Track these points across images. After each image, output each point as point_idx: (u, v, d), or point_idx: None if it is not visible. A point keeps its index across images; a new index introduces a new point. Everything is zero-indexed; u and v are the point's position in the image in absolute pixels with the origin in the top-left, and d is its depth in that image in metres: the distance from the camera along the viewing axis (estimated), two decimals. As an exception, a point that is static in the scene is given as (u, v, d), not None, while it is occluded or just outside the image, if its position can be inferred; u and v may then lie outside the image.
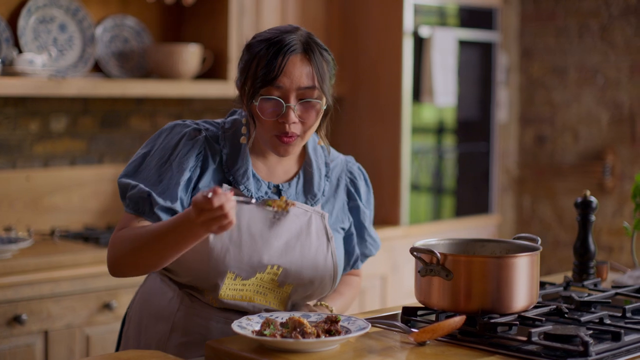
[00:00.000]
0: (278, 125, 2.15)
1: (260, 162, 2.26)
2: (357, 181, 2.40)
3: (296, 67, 2.14)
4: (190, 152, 2.19)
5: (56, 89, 3.53)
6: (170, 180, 2.16)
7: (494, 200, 4.99)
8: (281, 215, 2.23)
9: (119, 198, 3.92)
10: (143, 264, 2.10)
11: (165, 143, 2.22)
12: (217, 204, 1.89)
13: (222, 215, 1.91)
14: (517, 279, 2.07)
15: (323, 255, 2.26)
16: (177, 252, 2.05)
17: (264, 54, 2.14)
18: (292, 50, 2.14)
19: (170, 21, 4.21)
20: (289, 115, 2.14)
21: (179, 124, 2.25)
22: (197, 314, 2.24)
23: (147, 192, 2.14)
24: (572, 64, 5.23)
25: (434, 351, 1.96)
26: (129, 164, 2.23)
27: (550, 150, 5.35)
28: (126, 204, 2.17)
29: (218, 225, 1.93)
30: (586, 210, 2.68)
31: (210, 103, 4.35)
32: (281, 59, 2.13)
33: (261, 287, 2.23)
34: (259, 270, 2.20)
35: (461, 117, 4.82)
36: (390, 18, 4.44)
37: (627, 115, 5.01)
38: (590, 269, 2.67)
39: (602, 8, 5.10)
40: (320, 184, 2.31)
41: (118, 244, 2.13)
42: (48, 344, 3.21)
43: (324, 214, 2.28)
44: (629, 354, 1.93)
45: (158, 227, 2.05)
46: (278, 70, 2.12)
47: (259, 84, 2.13)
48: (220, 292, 2.19)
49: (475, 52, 4.85)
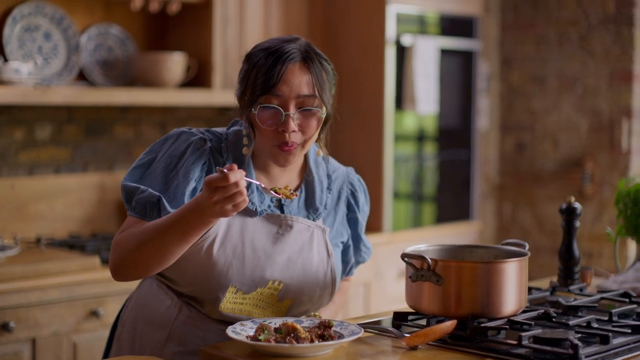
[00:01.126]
0: (278, 135, 2.14)
1: (263, 175, 2.26)
2: (357, 193, 2.43)
3: (295, 75, 2.15)
4: (197, 162, 2.19)
5: (42, 98, 3.54)
6: (177, 188, 2.16)
7: (476, 207, 5.04)
8: (285, 230, 2.24)
9: (104, 206, 3.98)
10: (147, 262, 2.07)
11: (171, 150, 2.20)
12: (234, 179, 1.90)
13: (237, 192, 1.91)
14: (506, 284, 2.11)
15: (323, 271, 2.28)
16: (183, 244, 2.03)
17: (262, 63, 2.15)
18: (291, 59, 2.16)
19: (154, 30, 4.23)
20: (289, 124, 2.14)
21: (185, 132, 2.24)
22: (195, 324, 2.25)
23: (157, 196, 2.13)
24: (551, 72, 5.29)
25: (426, 355, 1.99)
26: (134, 169, 2.21)
27: (530, 157, 5.40)
28: (132, 208, 2.15)
29: (233, 204, 1.92)
30: (571, 217, 2.72)
31: (194, 111, 4.37)
32: (280, 67, 2.13)
33: (261, 301, 2.24)
34: (260, 285, 2.21)
35: (442, 125, 4.86)
36: (372, 27, 4.47)
37: (607, 122, 5.07)
38: (575, 274, 2.71)
39: (581, 17, 5.16)
40: (322, 198, 2.32)
41: (122, 243, 2.10)
42: (36, 352, 3.22)
43: (325, 228, 2.29)
44: (617, 356, 1.97)
45: (164, 219, 2.04)
46: (277, 78, 2.13)
47: (257, 92, 2.13)
48: (220, 305, 2.20)
49: (456, 61, 4.90)
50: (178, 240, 2.03)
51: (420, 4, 4.59)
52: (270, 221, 2.24)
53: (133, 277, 2.14)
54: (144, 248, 2.06)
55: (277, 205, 2.26)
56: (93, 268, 3.39)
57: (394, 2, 4.43)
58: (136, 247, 2.07)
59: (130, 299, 2.40)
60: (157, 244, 2.04)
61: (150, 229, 2.06)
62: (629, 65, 4.97)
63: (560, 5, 5.24)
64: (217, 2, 4.05)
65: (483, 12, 5.10)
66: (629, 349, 2.02)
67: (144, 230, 2.07)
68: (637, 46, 4.96)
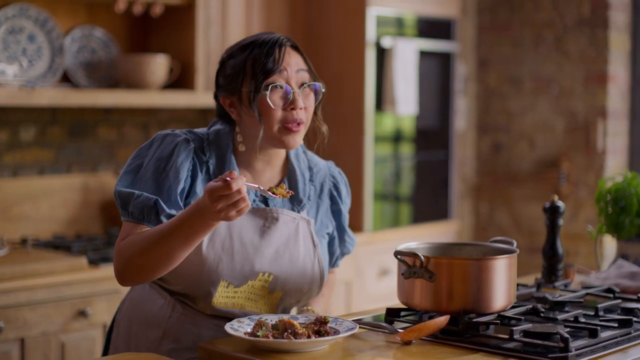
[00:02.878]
0: (286, 115, 2.22)
1: (246, 170, 2.31)
2: (339, 185, 2.49)
3: (291, 56, 2.26)
4: (184, 162, 2.23)
5: (27, 99, 3.56)
6: (170, 189, 2.20)
7: (453, 207, 5.10)
8: (271, 223, 2.29)
9: (88, 206, 4.00)
10: (152, 267, 2.11)
11: (159, 153, 2.24)
12: (236, 187, 1.95)
13: (240, 198, 1.96)
14: (496, 280, 2.16)
15: (310, 261, 2.33)
16: (187, 248, 2.08)
17: (258, 52, 2.23)
18: (284, 43, 2.26)
19: (137, 32, 4.26)
20: (297, 100, 2.23)
21: (170, 134, 2.28)
22: (189, 321, 2.28)
23: (153, 199, 2.17)
24: (527, 73, 5.37)
25: (420, 350, 2.05)
26: (124, 175, 2.24)
27: (506, 157, 5.48)
28: (129, 213, 2.19)
29: (236, 210, 1.98)
30: (554, 215, 2.79)
31: (176, 113, 4.40)
32: (278, 50, 2.24)
33: (252, 294, 2.28)
34: (251, 278, 2.26)
35: (421, 126, 4.92)
36: (353, 29, 4.53)
37: (582, 123, 5.15)
38: (558, 270, 2.78)
39: (556, 19, 5.24)
40: (305, 190, 2.37)
41: (126, 249, 2.14)
42: (24, 352, 3.24)
43: (309, 220, 2.35)
44: (605, 349, 2.03)
45: (167, 225, 2.08)
46: (279, 58, 2.23)
47: (262, 76, 2.21)
48: (212, 299, 2.24)
49: (434, 62, 4.96)
50: (182, 245, 2.07)
51: (398, 7, 4.65)
52: (256, 215, 2.28)
53: (139, 282, 2.19)
54: (148, 254, 2.10)
55: (261, 199, 2.32)
56: (80, 268, 3.42)
57: (373, 4, 4.49)
58: (140, 253, 2.11)
59: (124, 301, 2.43)
60: (161, 249, 2.08)
61: (153, 235, 2.10)
62: (603, 67, 5.06)
63: (536, 8, 5.32)
64: (199, 4, 4.09)
65: (460, 15, 5.17)
66: (616, 342, 2.08)
67: (147, 237, 2.11)
68: (611, 48, 5.05)
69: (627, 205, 2.94)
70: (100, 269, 3.46)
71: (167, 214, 2.16)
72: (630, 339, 2.12)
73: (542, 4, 5.29)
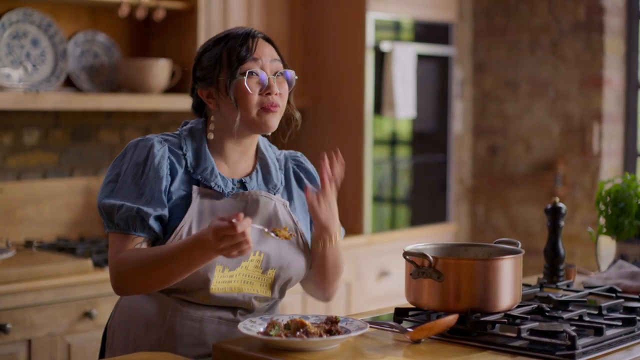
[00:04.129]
0: (262, 99, 2.31)
1: (222, 161, 2.38)
2: (303, 164, 2.55)
3: (265, 46, 2.36)
4: (161, 161, 2.29)
5: (33, 104, 3.60)
6: (151, 190, 2.26)
7: (451, 209, 5.15)
8: (252, 205, 2.35)
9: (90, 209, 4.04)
10: (151, 286, 2.22)
11: (135, 158, 2.30)
12: (241, 229, 2.02)
13: (243, 240, 2.04)
14: (502, 280, 2.21)
15: (294, 238, 2.39)
16: (185, 273, 2.18)
17: (232, 43, 2.33)
18: (256, 35, 2.36)
19: (139, 37, 4.30)
20: (273, 86, 2.32)
21: (142, 140, 2.34)
22: (189, 317, 2.32)
23: (135, 208, 2.23)
24: (523, 77, 5.43)
25: (430, 348, 2.09)
26: (105, 186, 2.31)
27: (503, 160, 5.53)
28: (114, 225, 2.25)
29: (238, 250, 2.06)
30: (556, 216, 2.84)
31: (176, 116, 4.44)
32: (251, 39, 2.34)
33: (247, 276, 2.32)
34: (244, 259, 2.30)
35: (419, 129, 4.98)
36: (352, 33, 4.58)
37: (578, 126, 5.21)
38: (560, 271, 2.83)
39: (552, 24, 5.30)
40: (277, 175, 2.45)
41: (122, 266, 2.22)
42: (31, 352, 3.28)
43: (285, 202, 2.42)
44: (611, 347, 2.08)
45: (166, 250, 2.17)
46: (253, 46, 2.33)
47: (237, 63, 2.30)
48: (211, 286, 2.28)
49: (432, 66, 5.01)
50: (181, 270, 2.17)
51: (397, 11, 4.70)
52: (237, 199, 2.35)
53: (136, 294, 2.30)
54: (146, 275, 2.19)
55: (239, 186, 2.38)
56: (86, 270, 3.46)
57: (373, 9, 4.54)
58: (138, 272, 2.20)
59: (116, 308, 2.45)
60: (159, 271, 2.18)
61: (151, 257, 2.18)
62: (599, 71, 5.12)
63: (532, 12, 5.37)
64: (201, 9, 4.14)
65: (457, 19, 5.22)
66: (620, 340, 2.13)
67: (145, 257, 2.19)
68: (606, 52, 5.11)
69: (627, 206, 2.99)
70: (105, 271, 3.49)
71: (154, 216, 2.24)
72: (634, 337, 2.17)
73: (538, 8, 5.35)
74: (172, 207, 2.29)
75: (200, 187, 2.32)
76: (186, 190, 2.31)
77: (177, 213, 2.28)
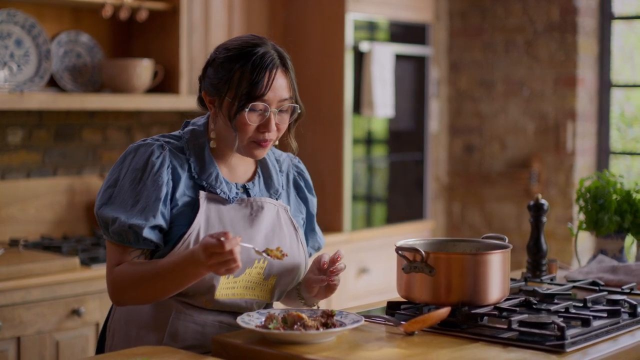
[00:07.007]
0: (257, 134, 2.31)
1: (223, 166, 2.40)
2: (303, 173, 2.60)
3: (278, 82, 2.32)
4: (161, 168, 2.30)
5: (18, 104, 3.63)
6: (147, 198, 2.28)
7: (428, 206, 5.23)
8: (257, 211, 2.39)
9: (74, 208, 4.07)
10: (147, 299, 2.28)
11: (134, 164, 2.31)
12: (229, 247, 2.07)
13: (231, 259, 2.09)
14: (492, 274, 2.28)
15: (296, 245, 2.44)
16: (181, 288, 2.24)
17: (248, 70, 2.28)
18: (276, 66, 2.31)
19: (121, 37, 4.33)
20: (271, 124, 2.31)
21: (142, 144, 2.35)
22: (192, 320, 2.35)
23: (127, 224, 2.25)
24: (498, 77, 5.51)
25: (423, 340, 2.16)
26: (103, 192, 2.32)
27: (478, 159, 5.62)
28: (110, 237, 2.29)
29: (226, 268, 2.11)
30: (538, 212, 2.93)
31: (158, 116, 4.47)
32: (268, 75, 2.29)
33: (249, 282, 2.37)
34: (248, 266, 2.34)
35: (396, 128, 5.04)
36: (331, 34, 4.64)
37: (552, 125, 5.30)
38: (543, 265, 2.91)
39: (527, 24, 5.39)
40: (278, 179, 2.49)
41: (119, 281, 2.28)
42: (20, 350, 3.31)
43: (286, 207, 2.47)
44: (597, 337, 2.16)
45: (161, 266, 2.22)
46: (266, 87, 2.28)
47: (246, 98, 2.27)
48: (216, 292, 2.32)
49: (409, 66, 5.08)
50: (176, 285, 2.23)
51: (375, 12, 4.77)
52: (242, 205, 2.38)
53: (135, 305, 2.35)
54: (142, 290, 2.26)
55: (242, 191, 2.41)
56: (73, 268, 3.49)
57: (352, 10, 4.60)
58: (134, 287, 2.26)
59: (115, 307, 2.46)
60: (155, 286, 2.24)
61: (147, 273, 2.24)
62: (572, 71, 5.22)
63: (507, 13, 5.46)
64: (183, 9, 4.18)
65: (434, 20, 5.30)
66: (606, 331, 2.21)
67: (141, 272, 2.24)
68: (580, 52, 5.21)
69: (606, 202, 3.07)
70: (92, 269, 3.53)
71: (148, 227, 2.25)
72: (619, 327, 2.25)
73: (513, 9, 5.44)
74: (176, 215, 2.30)
75: (206, 192, 2.34)
76: (191, 196, 2.33)
77: (182, 220, 2.30)
